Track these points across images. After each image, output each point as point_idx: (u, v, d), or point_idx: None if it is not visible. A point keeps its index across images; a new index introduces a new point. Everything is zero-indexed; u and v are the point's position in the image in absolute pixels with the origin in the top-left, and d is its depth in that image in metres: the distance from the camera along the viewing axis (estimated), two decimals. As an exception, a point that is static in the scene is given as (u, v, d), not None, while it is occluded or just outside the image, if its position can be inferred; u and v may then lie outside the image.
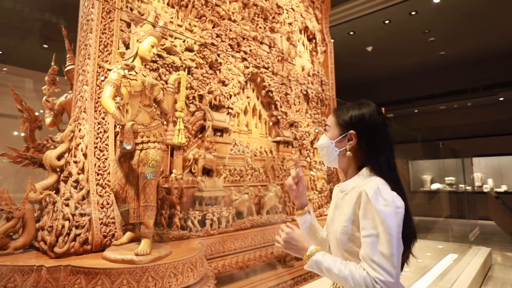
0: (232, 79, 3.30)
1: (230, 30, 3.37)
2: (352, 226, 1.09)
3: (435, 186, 10.63)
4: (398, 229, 1.00)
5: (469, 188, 9.43)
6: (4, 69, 4.19)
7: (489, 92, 9.63)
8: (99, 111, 2.25)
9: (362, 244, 1.03)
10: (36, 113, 2.42)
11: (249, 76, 3.55)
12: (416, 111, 11.53)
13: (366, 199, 1.05)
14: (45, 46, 4.67)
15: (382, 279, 0.95)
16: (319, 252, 1.10)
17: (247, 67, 3.51)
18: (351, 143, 1.19)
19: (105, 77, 2.01)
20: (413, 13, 7.03)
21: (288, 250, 1.18)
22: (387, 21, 7.37)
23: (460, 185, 9.00)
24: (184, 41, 2.93)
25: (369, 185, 1.08)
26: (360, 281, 0.98)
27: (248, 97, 3.60)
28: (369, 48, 8.74)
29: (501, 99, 10.14)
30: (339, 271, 1.02)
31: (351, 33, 7.93)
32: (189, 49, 2.96)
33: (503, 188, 10.65)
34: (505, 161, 11.08)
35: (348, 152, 1.19)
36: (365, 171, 1.17)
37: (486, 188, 10.66)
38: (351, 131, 1.19)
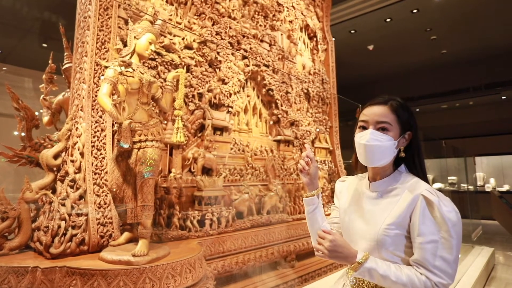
0: (232, 77, 3.26)
1: (230, 28, 3.33)
2: (399, 230, 1.06)
3: (437, 185, 10.57)
4: (461, 234, 1.01)
5: (471, 187, 9.37)
6: (4, 68, 4.16)
7: (491, 91, 9.58)
8: (97, 109, 2.21)
9: (420, 250, 1.01)
10: (36, 113, 2.39)
11: (249, 74, 3.51)
12: (417, 110, 11.48)
13: (427, 204, 1.03)
14: (45, 45, 4.65)
15: (444, 283, 0.97)
16: (370, 258, 1.05)
17: (247, 65, 3.47)
18: (405, 143, 1.15)
19: (103, 75, 1.98)
20: (415, 11, 6.98)
21: (332, 259, 1.11)
22: (388, 20, 7.32)
23: (462, 185, 8.94)
24: (183, 39, 2.89)
25: (423, 189, 1.06)
26: (420, 286, 0.99)
27: (248, 96, 3.56)
28: (371, 47, 8.69)
29: (503, 98, 10.07)
30: (396, 278, 1.01)
31: (352, 31, 7.89)
32: (188, 47, 2.92)
33: (505, 187, 10.59)
34: (507, 160, 11.02)
35: (402, 153, 1.15)
36: (402, 170, 1.16)
37: (488, 187, 10.60)
38: (409, 132, 1.15)
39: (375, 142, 1.11)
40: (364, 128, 1.17)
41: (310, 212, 1.32)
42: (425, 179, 1.13)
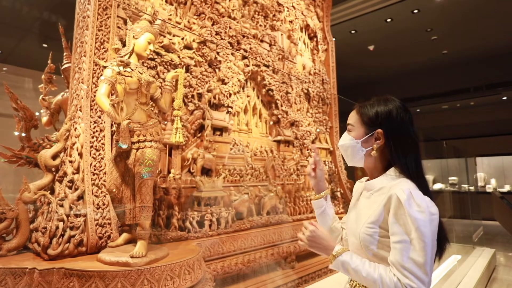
0: (232, 77, 3.25)
1: (230, 28, 3.32)
2: (378, 228, 1.06)
3: (437, 186, 10.55)
4: (432, 237, 0.97)
5: (472, 188, 9.34)
6: (4, 68, 4.15)
7: (492, 91, 9.56)
8: (95, 109, 2.20)
9: (392, 250, 1.00)
10: (36, 113, 2.38)
11: (249, 74, 3.50)
12: (418, 110, 11.45)
13: (397, 203, 1.01)
14: (45, 45, 4.64)
15: (414, 287, 0.93)
16: (346, 253, 1.08)
17: (247, 65, 3.45)
18: (378, 142, 1.15)
19: (102, 75, 1.97)
20: (416, 11, 6.96)
21: (312, 249, 1.16)
22: (389, 20, 7.30)
23: (463, 185, 8.92)
24: (182, 39, 2.88)
25: (399, 188, 1.04)
26: (390, 286, 0.96)
27: (248, 96, 3.54)
28: (371, 47, 8.67)
29: (504, 98, 10.05)
30: (367, 274, 1.01)
31: (353, 31, 7.87)
32: (188, 47, 2.91)
33: (506, 188, 10.56)
34: (508, 161, 10.99)
35: (374, 152, 1.15)
36: (393, 171, 1.13)
37: (489, 188, 10.57)
38: (379, 130, 1.14)
39: (341, 142, 1.22)
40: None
41: (318, 214, 1.36)
42: (412, 178, 1.09)
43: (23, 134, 2.25)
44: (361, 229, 1.09)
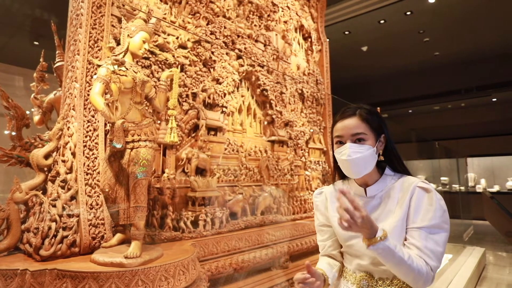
0: (227, 77, 3.24)
1: (225, 28, 3.31)
2: (404, 225, 1.13)
3: (429, 186, 10.63)
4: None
5: (462, 188, 9.47)
6: (-6, 66, 4.08)
7: (482, 92, 9.70)
8: (89, 108, 2.18)
9: (417, 233, 1.09)
10: (27, 112, 2.34)
11: (243, 74, 3.50)
12: (410, 111, 11.57)
13: (423, 193, 1.13)
14: (36, 43, 4.58)
15: (435, 265, 1.06)
16: (389, 239, 1.00)
17: (242, 65, 3.45)
18: (382, 146, 1.22)
19: (96, 74, 1.95)
20: (408, 13, 7.04)
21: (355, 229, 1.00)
22: (382, 21, 7.37)
23: (454, 185, 9.04)
24: (177, 38, 2.86)
25: (416, 181, 1.15)
26: (422, 266, 1.04)
27: (242, 96, 3.54)
28: (364, 48, 8.73)
29: (494, 100, 10.21)
30: (407, 258, 1.04)
31: (347, 32, 7.92)
32: (182, 46, 2.90)
33: (496, 188, 10.73)
34: (497, 161, 11.17)
35: (381, 157, 1.21)
36: (388, 170, 1.23)
37: (479, 188, 10.73)
38: (383, 135, 1.22)
39: (357, 155, 1.14)
40: (341, 143, 1.20)
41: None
42: (409, 174, 1.23)
43: (14, 133, 2.22)
44: (390, 229, 1.11)
